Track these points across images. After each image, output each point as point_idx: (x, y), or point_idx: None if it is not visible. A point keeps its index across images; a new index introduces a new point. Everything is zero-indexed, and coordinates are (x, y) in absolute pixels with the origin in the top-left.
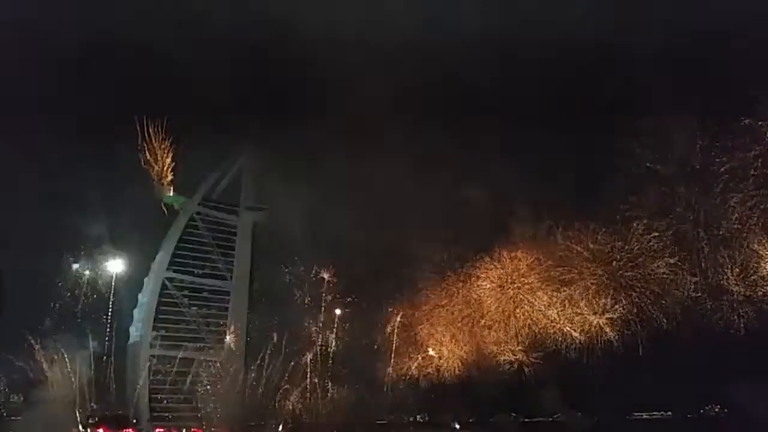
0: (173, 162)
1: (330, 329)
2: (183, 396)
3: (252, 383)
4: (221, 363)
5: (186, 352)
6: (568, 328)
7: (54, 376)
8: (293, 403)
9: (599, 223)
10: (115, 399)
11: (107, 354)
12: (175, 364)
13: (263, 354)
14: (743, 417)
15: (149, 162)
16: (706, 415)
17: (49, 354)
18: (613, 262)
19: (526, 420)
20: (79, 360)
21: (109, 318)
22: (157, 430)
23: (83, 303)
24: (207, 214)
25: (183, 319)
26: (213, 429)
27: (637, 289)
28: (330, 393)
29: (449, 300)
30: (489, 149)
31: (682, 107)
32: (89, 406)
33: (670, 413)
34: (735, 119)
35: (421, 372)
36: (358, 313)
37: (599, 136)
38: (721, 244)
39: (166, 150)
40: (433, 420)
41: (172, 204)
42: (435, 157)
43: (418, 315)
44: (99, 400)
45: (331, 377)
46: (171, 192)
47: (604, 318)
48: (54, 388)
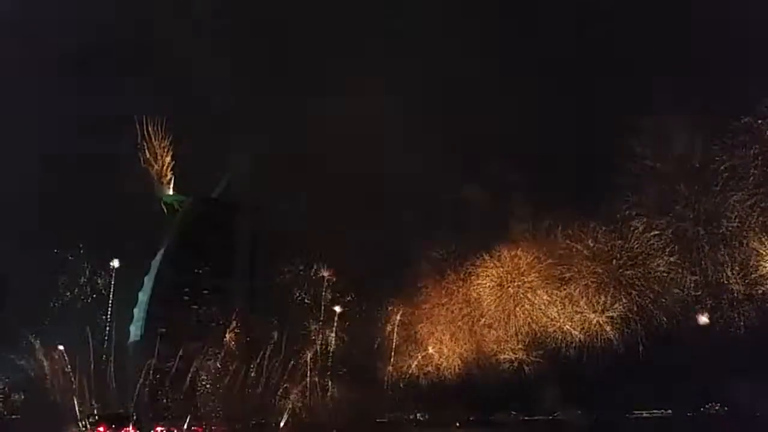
0: (173, 161)
1: (330, 328)
2: (183, 395)
3: (252, 382)
4: (221, 362)
5: (186, 350)
6: (568, 326)
7: (54, 375)
8: (293, 402)
9: (599, 222)
10: (116, 398)
11: (107, 353)
12: (175, 362)
13: (263, 353)
14: (743, 415)
15: (149, 161)
16: (705, 413)
17: (50, 353)
18: (613, 260)
19: (526, 418)
20: (80, 359)
21: (109, 317)
22: (158, 428)
23: (83, 302)
24: (207, 212)
25: (183, 318)
26: (213, 428)
27: (637, 288)
28: (330, 392)
29: (449, 299)
30: (489, 147)
31: (682, 107)
32: (90, 405)
33: (669, 411)
34: (735, 118)
35: (421, 370)
36: (357, 312)
37: (599, 134)
38: (721, 242)
39: (165, 149)
40: (433, 418)
41: (171, 203)
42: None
43: (418, 313)
44: (99, 398)
45: (331, 376)
46: (171, 191)
47: (604, 316)
48: (54, 387)
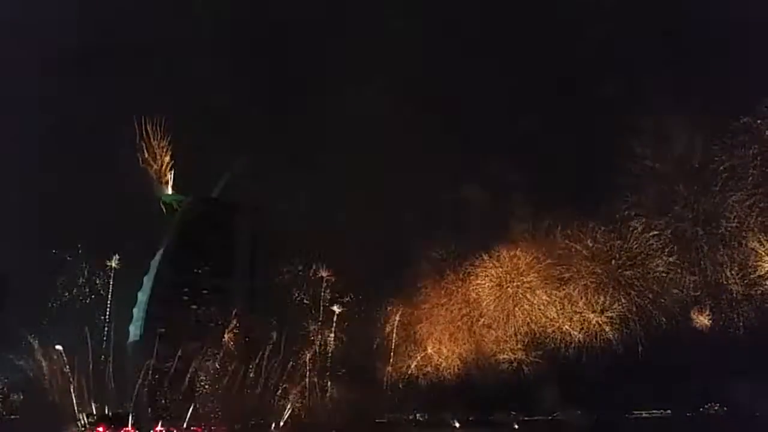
0: (172, 161)
1: (329, 328)
2: (182, 395)
3: (251, 382)
4: (220, 362)
5: (185, 350)
6: (567, 326)
7: (53, 375)
8: (292, 402)
9: (598, 222)
10: (115, 398)
11: (106, 353)
12: (174, 362)
13: (262, 353)
14: (743, 415)
15: (148, 161)
16: (705, 413)
17: (49, 353)
18: (613, 260)
19: (525, 418)
20: (79, 359)
21: (108, 317)
22: (157, 428)
23: (82, 302)
24: (206, 212)
25: (182, 318)
26: (212, 428)
27: (636, 288)
28: (329, 392)
29: (449, 299)
30: (489, 147)
31: (682, 107)
32: (89, 405)
33: (669, 411)
34: (734, 118)
35: (421, 371)
36: (357, 312)
37: (599, 134)
38: (720, 242)
39: (165, 149)
40: (433, 419)
41: (171, 203)
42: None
43: (417, 314)
44: (98, 398)
45: (331, 376)
46: (170, 191)
47: (603, 316)
48: (53, 387)
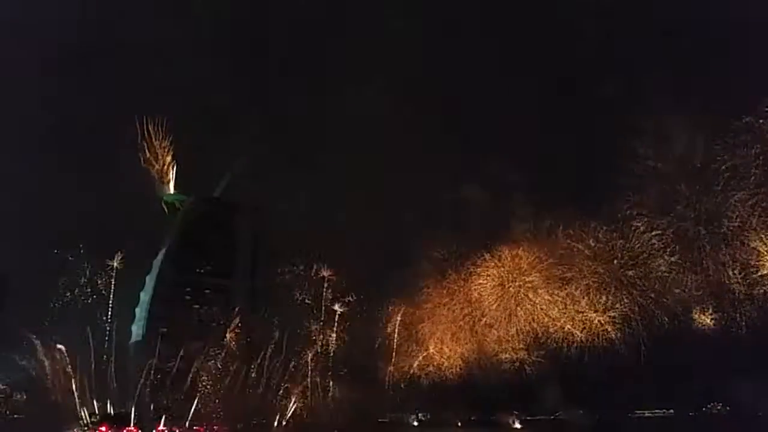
0: (173, 161)
1: (331, 328)
2: (184, 394)
3: (253, 382)
4: (222, 362)
5: (187, 350)
6: (569, 326)
7: (56, 375)
8: (294, 402)
9: (600, 222)
10: (117, 397)
11: (108, 352)
12: (177, 362)
13: (264, 353)
14: (745, 415)
15: (149, 161)
16: (707, 413)
17: (51, 353)
18: (615, 260)
19: (527, 418)
20: (81, 359)
21: (110, 316)
22: (159, 428)
23: (84, 302)
24: (208, 212)
25: (184, 318)
26: (215, 427)
27: (639, 288)
28: (331, 392)
29: (450, 298)
30: (489, 147)
31: (682, 106)
32: (91, 404)
33: (672, 411)
34: (736, 118)
35: (423, 370)
36: (358, 312)
37: (599, 134)
38: (723, 242)
39: (166, 149)
40: (435, 418)
41: (172, 202)
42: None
43: (419, 313)
44: (101, 398)
45: (332, 376)
46: (171, 191)
47: (605, 316)
48: (56, 386)
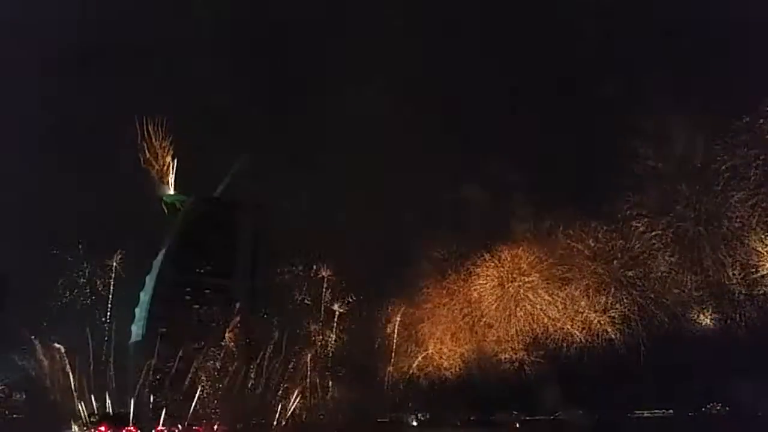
0: (174, 161)
1: (330, 328)
2: (183, 394)
3: (252, 382)
4: (222, 362)
5: (187, 350)
6: (569, 326)
7: (55, 374)
8: (294, 402)
9: (600, 222)
10: (116, 397)
11: (108, 352)
12: (176, 362)
13: (264, 353)
14: (745, 415)
15: (149, 161)
16: (707, 413)
17: (50, 353)
18: (614, 260)
19: (527, 418)
20: (80, 358)
21: (109, 317)
22: (158, 428)
23: (83, 302)
24: (208, 212)
25: (184, 318)
26: (214, 427)
27: (638, 288)
28: (330, 392)
29: (450, 298)
30: (489, 147)
31: (682, 107)
32: (91, 404)
33: (671, 411)
34: (736, 118)
35: (422, 370)
36: (358, 312)
37: (599, 134)
38: (722, 242)
39: (166, 149)
40: (434, 418)
41: (173, 202)
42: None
43: (418, 313)
44: (100, 398)
45: (332, 376)
46: (171, 191)
47: (605, 316)
48: (55, 386)
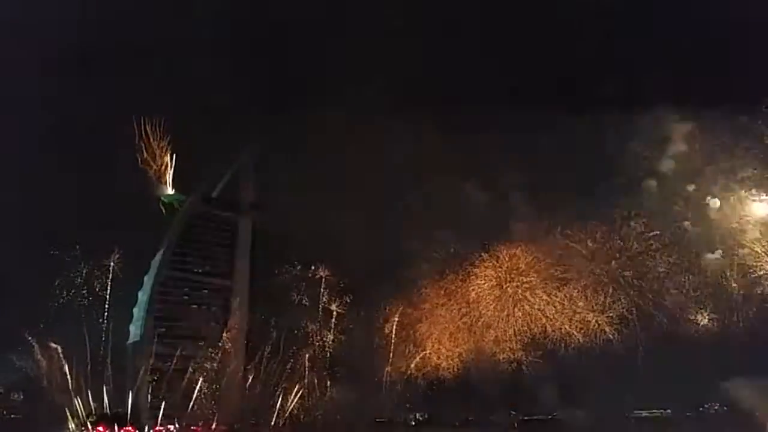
0: (172, 160)
1: (328, 328)
2: (182, 395)
3: (250, 383)
4: (220, 362)
5: (185, 350)
6: (567, 326)
7: (53, 374)
8: (292, 402)
9: (598, 222)
10: (114, 397)
11: (105, 352)
12: (174, 362)
13: (262, 353)
14: (743, 415)
15: (147, 161)
16: (705, 414)
17: (48, 353)
18: (612, 260)
19: (525, 418)
20: (78, 358)
21: (107, 317)
22: (156, 428)
23: (81, 302)
24: (207, 212)
25: (182, 318)
26: (212, 427)
27: (636, 288)
28: (328, 392)
29: (448, 299)
30: (488, 147)
31: (682, 105)
32: (88, 404)
33: (669, 411)
34: (735, 117)
35: (420, 371)
36: (356, 312)
37: (601, 134)
38: (721, 243)
39: (164, 148)
40: (432, 418)
41: (171, 202)
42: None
43: (416, 314)
44: (97, 398)
45: (330, 376)
46: (170, 190)
47: (603, 316)
48: (53, 386)
